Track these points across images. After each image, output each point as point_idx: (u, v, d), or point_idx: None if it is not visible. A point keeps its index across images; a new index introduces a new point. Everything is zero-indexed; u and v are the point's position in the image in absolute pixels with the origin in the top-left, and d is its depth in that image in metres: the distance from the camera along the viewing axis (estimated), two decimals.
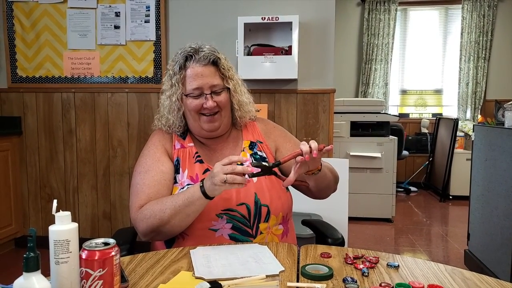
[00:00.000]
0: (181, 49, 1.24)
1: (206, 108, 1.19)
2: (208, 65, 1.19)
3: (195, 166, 1.22)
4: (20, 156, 2.95)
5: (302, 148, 1.02)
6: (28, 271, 0.65)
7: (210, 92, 1.19)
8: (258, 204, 1.18)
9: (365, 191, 3.70)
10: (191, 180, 1.19)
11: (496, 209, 2.27)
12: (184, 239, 1.16)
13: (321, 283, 0.84)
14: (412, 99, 5.58)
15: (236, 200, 1.16)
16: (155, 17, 2.76)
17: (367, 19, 5.32)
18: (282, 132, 1.38)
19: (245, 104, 1.28)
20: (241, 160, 1.02)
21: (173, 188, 1.19)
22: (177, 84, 1.20)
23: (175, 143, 1.26)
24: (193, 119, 1.23)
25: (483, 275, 0.90)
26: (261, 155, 1.28)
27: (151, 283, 0.85)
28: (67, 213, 0.74)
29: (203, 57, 1.19)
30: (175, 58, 1.23)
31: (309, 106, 2.69)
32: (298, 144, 1.36)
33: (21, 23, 2.85)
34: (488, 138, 2.43)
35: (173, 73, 1.21)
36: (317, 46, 2.67)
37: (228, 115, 1.26)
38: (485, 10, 5.11)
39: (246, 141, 1.30)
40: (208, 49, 1.22)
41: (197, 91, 1.19)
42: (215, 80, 1.20)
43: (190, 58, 1.20)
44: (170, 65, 1.24)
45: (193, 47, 1.22)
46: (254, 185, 1.20)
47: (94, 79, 2.85)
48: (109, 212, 2.93)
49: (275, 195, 1.20)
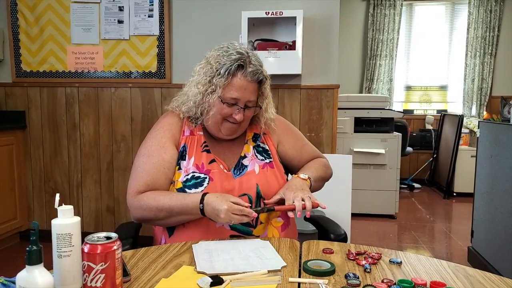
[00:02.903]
0: (227, 48, 1.20)
1: (233, 118, 1.19)
2: (254, 82, 1.19)
3: (202, 155, 1.23)
4: (25, 150, 2.96)
5: (296, 204, 1.09)
6: (31, 264, 0.65)
7: (244, 106, 1.19)
8: (259, 195, 1.21)
9: (368, 187, 3.69)
10: (197, 168, 1.20)
11: (501, 207, 2.26)
12: (185, 227, 1.18)
13: (323, 279, 0.84)
14: (417, 95, 5.55)
15: (239, 191, 1.19)
16: (159, 12, 2.75)
17: (372, 14, 5.28)
18: (285, 124, 1.40)
19: (271, 120, 1.30)
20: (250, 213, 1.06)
21: (174, 175, 1.20)
22: (218, 87, 1.17)
23: (184, 129, 1.26)
24: (215, 121, 1.22)
25: (486, 272, 0.90)
26: (264, 147, 1.30)
27: (153, 277, 0.85)
28: (70, 207, 0.74)
29: (253, 73, 1.17)
30: (222, 58, 1.17)
31: (313, 102, 2.68)
32: (300, 137, 1.40)
33: (25, 18, 2.85)
34: (493, 135, 2.41)
35: (218, 73, 1.17)
36: (321, 41, 2.65)
37: (247, 124, 1.28)
38: (492, 5, 5.06)
39: (250, 133, 1.31)
40: (257, 62, 1.19)
41: (234, 101, 1.18)
42: (253, 96, 1.20)
43: (240, 68, 1.17)
44: (214, 61, 1.19)
45: (243, 55, 1.18)
46: (256, 176, 1.22)
47: (98, 74, 2.85)
48: (112, 207, 2.94)
49: (277, 188, 1.23)
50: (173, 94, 2.75)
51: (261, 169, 1.24)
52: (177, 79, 2.77)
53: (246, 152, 1.27)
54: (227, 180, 1.20)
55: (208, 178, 1.19)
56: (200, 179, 1.18)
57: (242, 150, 1.27)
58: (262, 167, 1.25)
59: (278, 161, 1.31)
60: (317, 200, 1.12)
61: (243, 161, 1.25)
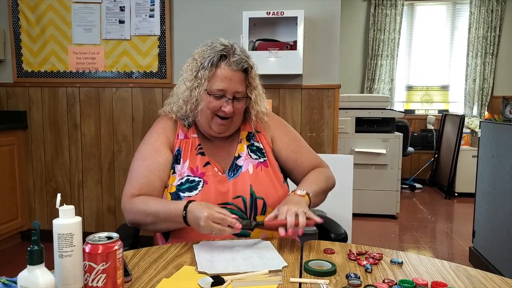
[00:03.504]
0: (211, 43, 1.21)
1: (223, 111, 1.18)
2: (239, 71, 1.18)
3: (196, 158, 1.22)
4: (26, 150, 2.97)
5: (288, 219, 1.01)
6: (32, 264, 0.66)
7: (233, 97, 1.18)
8: (254, 197, 1.18)
9: (369, 187, 3.69)
10: (191, 171, 1.19)
11: (502, 207, 2.26)
12: (180, 232, 1.16)
13: (324, 279, 0.84)
14: (418, 95, 5.54)
15: (233, 193, 1.18)
16: (160, 12, 2.75)
17: (373, 14, 5.28)
18: (280, 123, 1.37)
19: (262, 113, 1.28)
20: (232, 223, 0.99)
21: (169, 179, 1.20)
22: (203, 79, 1.17)
23: (178, 133, 1.26)
24: (205, 117, 1.21)
25: (487, 273, 0.90)
26: (258, 146, 1.28)
27: (154, 277, 0.85)
28: (71, 207, 0.74)
29: (237, 62, 1.16)
30: (206, 52, 1.19)
31: (314, 102, 2.68)
32: (296, 138, 1.34)
33: (26, 18, 2.86)
34: (495, 135, 2.40)
35: (202, 66, 1.18)
36: (323, 41, 2.65)
37: (239, 120, 1.26)
38: (493, 5, 5.05)
39: (243, 132, 1.30)
40: (241, 52, 1.19)
41: (220, 93, 1.17)
42: (240, 87, 1.19)
43: (223, 58, 1.17)
44: (198, 56, 1.20)
45: (227, 46, 1.18)
46: (250, 177, 1.20)
47: (99, 74, 2.85)
48: (113, 207, 2.94)
49: (271, 188, 1.21)
50: None
51: (254, 169, 1.22)
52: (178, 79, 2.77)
53: (240, 151, 1.25)
54: (221, 183, 1.18)
55: (202, 181, 1.17)
56: (194, 183, 1.17)
57: (236, 150, 1.26)
58: (256, 166, 1.23)
59: (273, 160, 1.27)
60: (313, 216, 1.05)
61: (237, 161, 1.23)
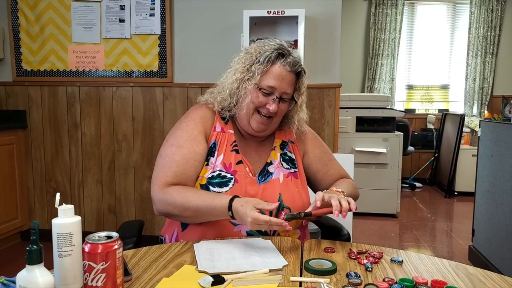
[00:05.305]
0: (269, 41, 1.20)
1: (267, 109, 1.18)
2: (292, 72, 1.18)
3: (231, 154, 1.21)
4: (26, 149, 2.97)
5: (333, 203, 1.04)
6: (31, 263, 0.65)
7: (280, 97, 1.18)
8: (281, 205, 1.18)
9: (370, 186, 3.69)
10: (224, 167, 1.18)
11: (502, 206, 2.26)
12: (201, 224, 1.15)
13: (324, 278, 0.84)
14: (419, 95, 5.54)
15: (261, 198, 1.15)
16: (160, 11, 2.74)
17: (374, 13, 5.27)
18: (313, 135, 1.38)
19: (303, 121, 1.29)
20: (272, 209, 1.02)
21: (202, 170, 1.18)
22: (256, 73, 1.16)
23: (216, 125, 1.24)
24: (247, 112, 1.20)
25: (487, 271, 0.90)
26: (290, 156, 1.28)
27: (154, 277, 0.85)
28: (70, 206, 0.74)
29: (292, 63, 1.17)
30: (263, 47, 1.18)
31: (314, 101, 2.68)
32: (327, 152, 1.36)
33: (25, 16, 2.85)
34: (494, 134, 2.40)
35: (257, 60, 1.17)
36: (323, 40, 2.64)
37: (278, 122, 1.25)
38: (494, 5, 5.04)
39: (278, 140, 1.29)
40: (297, 56, 1.20)
41: (270, 90, 1.17)
42: (289, 88, 1.19)
43: (280, 57, 1.17)
44: (254, 51, 1.20)
45: (285, 47, 1.19)
46: (280, 185, 1.20)
47: (99, 73, 2.85)
48: (114, 206, 2.94)
49: (298, 199, 1.21)
50: (174, 93, 2.77)
51: (285, 178, 1.22)
52: (179, 78, 2.76)
53: (273, 158, 1.25)
54: (251, 185, 1.18)
55: (234, 179, 1.17)
56: (226, 179, 1.16)
57: (268, 156, 1.25)
58: (287, 176, 1.23)
59: (302, 172, 1.28)
60: (352, 202, 1.06)
61: (269, 167, 1.23)
